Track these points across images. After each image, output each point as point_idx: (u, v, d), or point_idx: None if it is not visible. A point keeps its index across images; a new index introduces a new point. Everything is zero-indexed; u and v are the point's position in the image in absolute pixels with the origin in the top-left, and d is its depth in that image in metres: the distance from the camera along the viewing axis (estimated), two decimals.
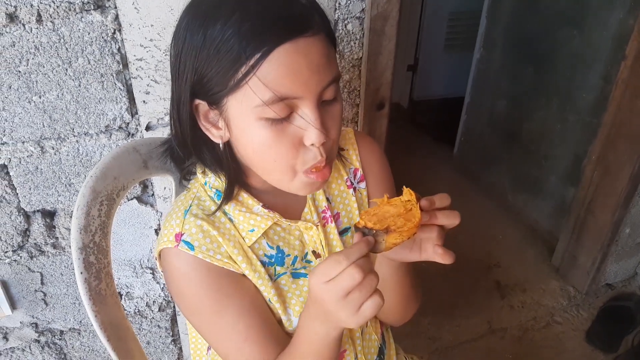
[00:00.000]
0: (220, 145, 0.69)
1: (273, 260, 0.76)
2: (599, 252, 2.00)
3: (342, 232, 0.84)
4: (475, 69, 2.72)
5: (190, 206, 0.74)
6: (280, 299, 0.75)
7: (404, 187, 0.63)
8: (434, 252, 0.66)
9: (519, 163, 2.53)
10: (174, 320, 1.42)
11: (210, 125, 0.68)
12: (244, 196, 0.75)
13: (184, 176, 0.81)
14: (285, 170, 0.66)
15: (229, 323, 0.71)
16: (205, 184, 0.76)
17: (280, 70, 0.59)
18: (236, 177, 0.73)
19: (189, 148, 0.72)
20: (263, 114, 0.61)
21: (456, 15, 3.37)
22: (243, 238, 0.74)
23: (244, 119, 0.63)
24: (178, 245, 0.70)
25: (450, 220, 0.66)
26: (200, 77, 0.63)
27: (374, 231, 0.61)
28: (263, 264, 0.75)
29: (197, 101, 0.66)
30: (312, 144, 0.64)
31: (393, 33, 1.17)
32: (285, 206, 0.78)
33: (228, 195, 0.73)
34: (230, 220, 0.74)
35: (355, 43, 1.18)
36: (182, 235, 0.71)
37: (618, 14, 1.85)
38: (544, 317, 2.02)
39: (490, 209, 2.65)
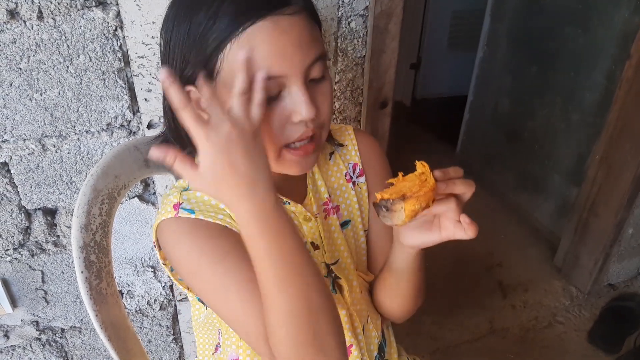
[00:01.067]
0: None
1: None
2: (601, 252, 1.99)
3: (342, 225, 0.84)
4: (479, 67, 2.71)
5: (188, 187, 0.74)
6: None
7: (417, 161, 0.63)
8: (455, 228, 0.66)
9: (521, 162, 2.52)
10: (175, 319, 1.42)
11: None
12: None
13: None
14: (271, 149, 0.65)
15: (233, 266, 0.66)
16: None
17: (261, 49, 0.59)
18: None
19: (184, 136, 0.70)
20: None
21: (459, 13, 3.37)
22: None
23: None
24: (177, 213, 0.69)
25: (466, 187, 0.65)
26: (188, 63, 0.63)
27: (391, 201, 0.61)
28: None
29: (188, 88, 0.65)
30: (301, 120, 0.63)
31: (397, 31, 1.16)
32: (285, 196, 0.78)
33: None
34: None
35: (358, 41, 1.17)
36: (180, 204, 0.70)
37: (623, 13, 1.84)
38: (546, 317, 2.02)
39: (492, 208, 2.64)
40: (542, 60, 2.28)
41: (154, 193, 1.19)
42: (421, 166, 0.63)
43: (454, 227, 0.66)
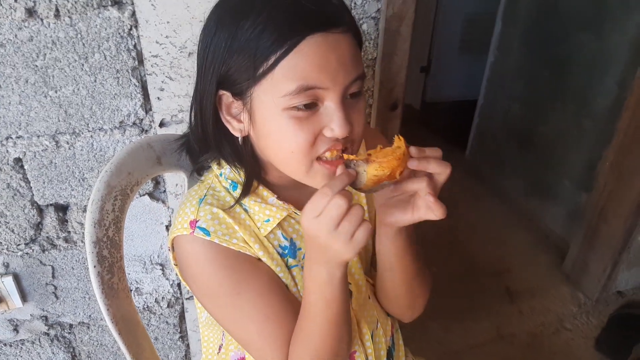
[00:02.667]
0: (240, 139, 0.70)
1: (287, 251, 0.77)
2: (610, 259, 1.98)
3: None
4: (490, 71, 2.70)
5: (205, 195, 0.74)
6: (296, 286, 0.76)
7: (396, 135, 0.64)
8: (426, 209, 0.65)
9: (532, 167, 2.51)
10: (182, 317, 1.42)
11: (232, 118, 0.69)
12: (259, 188, 0.75)
13: (198, 171, 0.81)
14: (302, 161, 0.66)
15: (249, 303, 0.71)
16: (221, 175, 0.76)
17: (309, 59, 0.61)
18: (254, 171, 0.74)
19: (209, 141, 0.72)
20: (288, 104, 0.63)
21: (471, 16, 3.36)
22: (258, 228, 0.74)
23: (268, 109, 0.64)
24: (193, 232, 0.70)
25: (441, 168, 0.65)
26: (228, 68, 0.64)
27: (355, 162, 0.63)
28: (278, 254, 0.75)
29: (222, 92, 0.67)
30: (332, 137, 0.65)
31: (408, 33, 1.17)
32: (299, 201, 0.78)
33: (246, 190, 0.73)
34: (246, 211, 0.75)
35: (370, 43, 1.17)
36: (197, 222, 0.71)
37: (636, 19, 1.83)
38: (554, 323, 2.01)
39: (501, 213, 2.63)
40: (553, 65, 2.27)
41: (164, 191, 1.20)
42: (398, 140, 0.64)
43: (425, 207, 0.65)
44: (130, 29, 0.99)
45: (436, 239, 2.39)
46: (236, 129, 0.69)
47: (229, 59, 0.64)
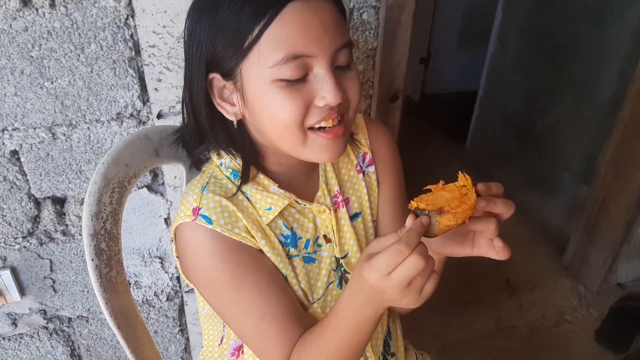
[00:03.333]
0: (234, 123, 0.70)
1: (289, 240, 0.76)
2: (610, 252, 1.98)
3: (352, 217, 0.84)
4: (490, 63, 2.69)
5: (207, 183, 0.74)
6: (296, 277, 0.75)
7: (460, 172, 0.62)
8: (488, 247, 0.65)
9: (531, 159, 2.50)
10: (181, 310, 1.42)
11: (225, 102, 0.69)
12: (260, 177, 0.75)
13: (196, 164, 0.80)
14: (296, 132, 0.65)
15: (248, 299, 0.71)
16: (221, 164, 0.75)
17: (293, 26, 0.61)
18: (251, 157, 0.73)
19: (203, 130, 0.71)
20: (277, 75, 0.62)
21: (471, 8, 3.34)
22: (261, 216, 0.74)
23: (258, 84, 0.63)
24: (195, 219, 0.69)
25: (506, 208, 0.64)
26: (214, 47, 0.64)
27: (427, 212, 0.59)
28: (280, 243, 0.75)
29: (212, 75, 0.66)
30: (325, 105, 0.64)
31: (409, 23, 1.15)
32: (299, 189, 0.78)
33: (245, 176, 0.73)
34: (248, 199, 0.74)
35: (370, 33, 1.16)
36: (199, 209, 0.70)
37: (637, 10, 1.81)
38: (554, 315, 2.01)
39: None
40: (553, 57, 2.25)
41: (163, 183, 1.19)
42: (463, 178, 0.62)
43: (487, 246, 0.66)
44: (127, 19, 0.97)
45: None
46: (230, 112, 0.69)
47: (214, 38, 0.63)
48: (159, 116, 1.10)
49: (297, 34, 0.61)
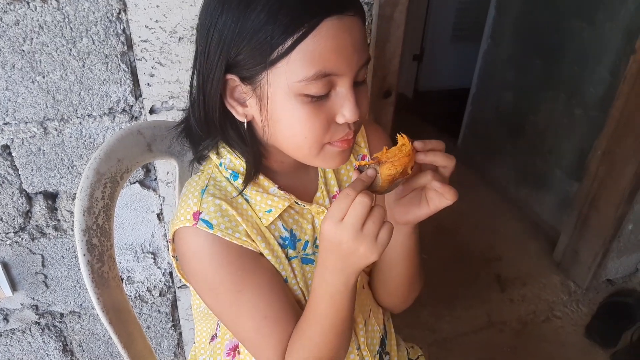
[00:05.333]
0: (244, 124, 0.69)
1: (287, 242, 0.76)
2: (600, 248, 2.00)
3: None
4: (482, 60, 2.70)
5: (206, 186, 0.73)
6: (295, 278, 0.75)
7: (398, 133, 0.65)
8: (438, 198, 0.67)
9: (523, 156, 2.52)
10: (174, 305, 1.42)
11: (236, 102, 0.67)
12: (260, 178, 0.74)
13: (198, 159, 0.79)
14: (314, 146, 0.66)
15: (249, 301, 0.71)
16: (220, 165, 0.74)
17: (327, 43, 0.59)
18: (257, 158, 0.72)
19: (213, 125, 0.70)
20: (304, 90, 0.61)
21: (464, 4, 3.34)
22: (260, 219, 0.73)
23: (281, 95, 0.62)
24: (196, 224, 0.69)
25: (446, 161, 0.66)
26: (238, 52, 0.61)
27: (367, 166, 0.64)
28: (279, 245, 0.75)
29: (230, 76, 0.64)
30: (345, 122, 0.65)
31: (402, 19, 1.16)
32: (299, 189, 0.78)
33: (249, 178, 0.72)
34: (247, 201, 0.73)
35: None
36: (200, 213, 0.69)
37: (629, 7, 1.82)
38: (544, 311, 2.02)
39: (493, 201, 2.64)
40: (546, 54, 2.27)
41: (155, 179, 1.19)
42: (401, 138, 0.64)
43: (438, 197, 0.67)
44: (119, 13, 0.97)
45: (427, 226, 2.39)
46: (240, 113, 0.67)
47: (240, 42, 0.60)
48: (152, 111, 1.09)
49: (330, 52, 0.60)
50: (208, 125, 0.71)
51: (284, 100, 0.62)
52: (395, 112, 1.31)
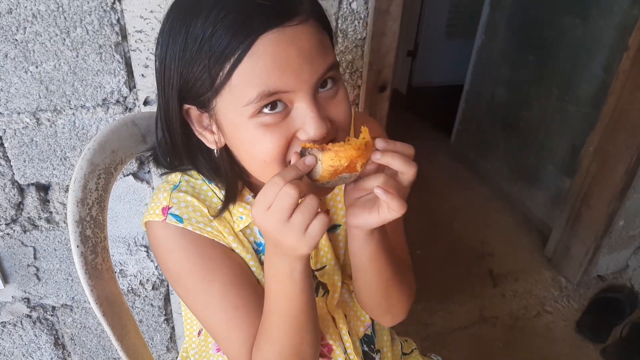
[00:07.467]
0: (216, 152, 0.67)
1: (261, 248, 0.75)
2: (592, 244, 2.01)
3: (330, 230, 0.82)
4: (476, 56, 2.70)
5: (179, 182, 0.73)
6: None
7: (363, 126, 0.60)
8: (386, 206, 0.60)
9: (516, 152, 2.53)
10: (167, 299, 1.41)
11: (205, 130, 0.65)
12: (239, 186, 0.73)
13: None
14: (278, 168, 0.61)
15: (219, 291, 0.69)
16: None
17: (266, 61, 0.55)
18: (234, 183, 0.70)
19: (181, 156, 0.69)
20: (253, 112, 0.58)
21: (458, 1, 3.34)
22: (234, 222, 0.73)
23: (234, 120, 0.60)
24: (165, 219, 0.69)
25: (405, 167, 0.59)
26: (186, 80, 0.59)
27: (310, 150, 0.57)
28: (253, 249, 0.74)
29: (187, 106, 0.63)
30: (308, 139, 0.59)
31: (398, 13, 1.15)
32: None
33: (227, 204, 0.70)
34: (223, 202, 0.72)
35: (359, 22, 1.16)
36: (169, 208, 0.69)
37: (623, 4, 1.83)
38: (535, 306, 2.04)
39: (485, 197, 2.65)
40: (540, 50, 2.27)
41: (149, 171, 1.18)
42: (365, 132, 0.59)
43: (385, 206, 0.60)
44: (114, 3, 0.96)
45: (420, 222, 2.41)
46: (211, 141, 0.66)
47: (185, 71, 0.59)
48: (146, 103, 1.08)
49: (271, 70, 0.55)
50: (179, 157, 0.70)
51: (238, 125, 0.60)
52: (390, 107, 1.31)
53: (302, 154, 0.58)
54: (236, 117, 0.59)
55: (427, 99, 3.54)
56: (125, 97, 1.06)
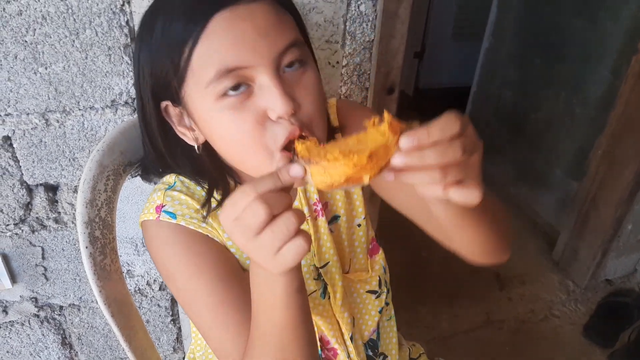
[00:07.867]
0: (196, 148, 0.67)
1: None
2: (600, 248, 2.00)
3: (330, 221, 0.82)
4: (484, 58, 2.70)
5: (174, 183, 0.73)
6: None
7: (385, 110, 0.47)
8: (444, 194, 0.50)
9: (523, 155, 2.52)
10: (173, 299, 1.41)
11: (185, 128, 0.66)
12: (231, 184, 0.72)
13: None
14: (259, 153, 0.59)
15: (207, 286, 0.68)
16: None
17: (222, 39, 0.56)
18: (221, 178, 0.70)
19: (166, 160, 0.70)
20: (218, 91, 0.57)
21: (466, 2, 3.34)
22: None
23: (202, 107, 0.60)
24: (159, 217, 0.69)
25: (448, 156, 0.47)
26: (156, 75, 0.61)
27: (295, 158, 0.49)
28: None
29: (164, 103, 0.64)
30: (280, 117, 0.58)
31: (406, 15, 1.15)
32: None
33: (207, 203, 0.69)
34: (217, 201, 0.72)
35: (367, 25, 1.16)
36: (163, 206, 0.70)
37: (631, 7, 1.82)
38: (542, 310, 2.03)
39: None
40: (548, 53, 2.26)
41: None
42: (384, 127, 0.46)
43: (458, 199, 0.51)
44: (123, 5, 0.96)
45: None
46: (191, 138, 0.66)
47: (154, 65, 0.61)
48: None
49: (228, 46, 0.56)
50: (163, 161, 0.71)
51: (207, 112, 0.60)
52: (398, 108, 1.31)
53: (294, 155, 0.51)
54: (203, 103, 0.59)
55: (434, 100, 3.52)
56: (134, 99, 1.07)
